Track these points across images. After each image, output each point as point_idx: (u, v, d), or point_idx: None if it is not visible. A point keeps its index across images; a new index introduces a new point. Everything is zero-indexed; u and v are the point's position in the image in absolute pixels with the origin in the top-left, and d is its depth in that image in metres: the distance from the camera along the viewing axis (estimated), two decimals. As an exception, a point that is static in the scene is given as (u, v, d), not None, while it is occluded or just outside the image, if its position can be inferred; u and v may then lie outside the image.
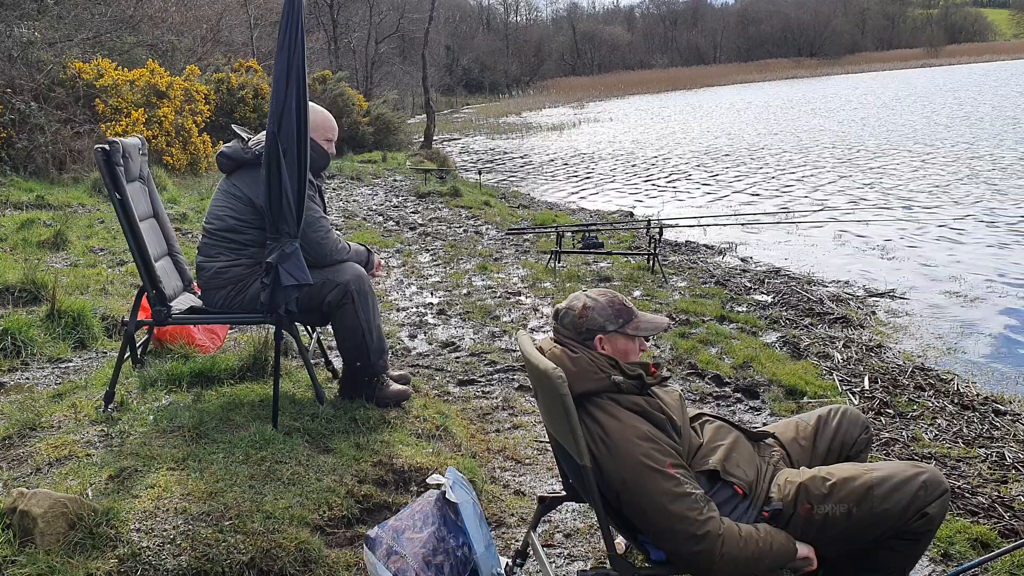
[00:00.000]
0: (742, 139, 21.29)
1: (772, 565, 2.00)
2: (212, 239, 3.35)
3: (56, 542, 2.27)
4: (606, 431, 2.03)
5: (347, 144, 19.43)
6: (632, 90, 57.54)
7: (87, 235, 7.28)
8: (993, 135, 18.06)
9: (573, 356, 2.11)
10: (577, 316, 2.18)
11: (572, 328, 2.18)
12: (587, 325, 2.17)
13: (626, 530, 2.19)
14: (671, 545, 1.96)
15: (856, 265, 7.72)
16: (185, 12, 18.05)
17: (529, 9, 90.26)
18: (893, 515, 2.07)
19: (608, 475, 2.01)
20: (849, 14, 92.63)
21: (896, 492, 2.08)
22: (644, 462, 1.97)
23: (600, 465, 2.01)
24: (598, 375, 2.08)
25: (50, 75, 11.44)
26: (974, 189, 11.58)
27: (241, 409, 3.31)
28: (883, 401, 4.21)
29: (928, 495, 2.09)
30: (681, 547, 1.94)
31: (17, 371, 3.95)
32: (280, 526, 2.52)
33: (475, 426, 3.82)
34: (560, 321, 2.21)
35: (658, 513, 1.95)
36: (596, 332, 2.18)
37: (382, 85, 33.64)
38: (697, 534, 1.93)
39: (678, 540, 1.94)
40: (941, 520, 2.16)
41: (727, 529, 1.97)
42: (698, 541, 1.93)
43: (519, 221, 10.29)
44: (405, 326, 5.49)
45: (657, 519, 1.95)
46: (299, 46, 3.00)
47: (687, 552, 1.94)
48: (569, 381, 2.01)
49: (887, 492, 2.07)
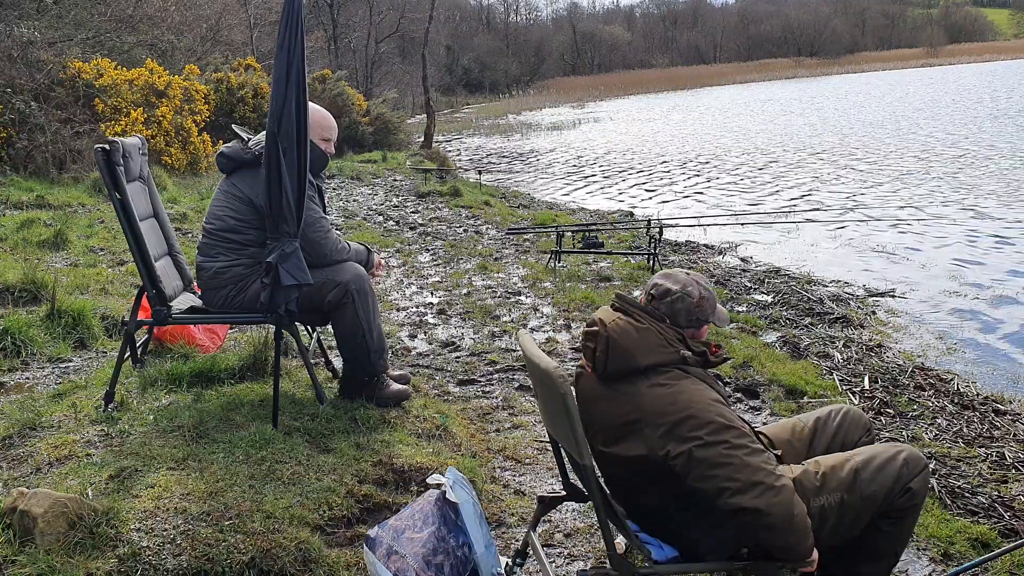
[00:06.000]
0: (742, 139, 21.29)
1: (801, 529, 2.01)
2: (212, 239, 3.35)
3: (56, 542, 2.27)
4: (680, 391, 2.04)
5: (347, 144, 19.44)
6: (632, 90, 57.53)
7: (87, 235, 7.28)
8: (998, 134, 18.06)
9: (640, 327, 2.11)
10: (694, 305, 2.17)
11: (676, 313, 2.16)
12: (698, 315, 2.19)
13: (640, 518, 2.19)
14: (749, 497, 1.93)
15: (856, 265, 7.72)
16: (184, 12, 18.04)
17: (529, 9, 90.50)
18: (881, 495, 2.14)
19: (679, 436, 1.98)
20: (849, 14, 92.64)
21: (880, 472, 2.15)
22: (720, 420, 2.00)
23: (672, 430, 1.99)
24: (667, 349, 2.10)
25: (50, 75, 11.44)
26: (976, 188, 11.58)
27: (241, 409, 3.31)
28: (883, 401, 4.21)
29: (910, 471, 2.18)
30: (760, 499, 1.92)
31: (17, 371, 3.95)
32: (280, 526, 2.52)
33: (475, 426, 3.82)
34: (657, 298, 2.18)
35: (738, 467, 1.95)
36: (703, 322, 2.20)
37: (382, 85, 33.66)
38: (775, 486, 1.95)
39: (759, 491, 1.93)
40: (924, 495, 2.24)
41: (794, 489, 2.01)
42: (777, 492, 1.94)
43: (519, 221, 10.29)
44: (405, 326, 5.49)
45: (737, 472, 1.94)
46: (299, 45, 2.99)
47: (766, 504, 1.93)
48: (633, 353, 2.05)
49: (872, 474, 2.15)
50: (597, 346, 2.11)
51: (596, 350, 2.11)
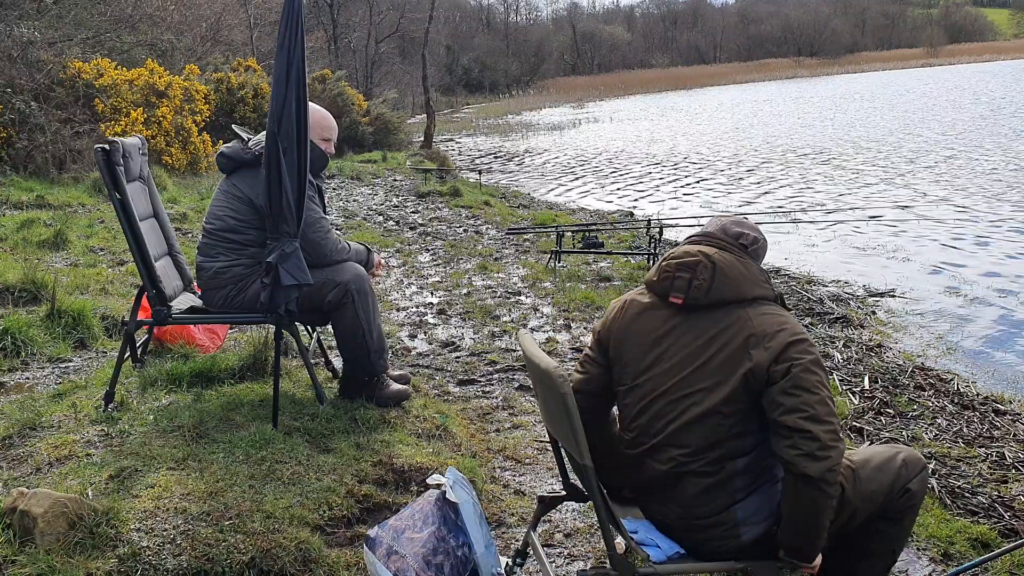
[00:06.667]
0: (743, 138, 21.30)
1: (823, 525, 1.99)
2: (212, 239, 3.35)
3: (56, 542, 2.27)
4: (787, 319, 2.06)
5: (347, 144, 19.43)
6: (632, 90, 57.53)
7: (87, 235, 7.28)
8: (1000, 133, 18.06)
9: (744, 261, 2.13)
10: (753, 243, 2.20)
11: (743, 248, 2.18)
12: (760, 254, 2.22)
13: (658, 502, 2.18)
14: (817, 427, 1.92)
15: (856, 265, 7.72)
16: (184, 11, 18.03)
17: (529, 9, 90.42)
18: (880, 495, 2.14)
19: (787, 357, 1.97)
20: (849, 14, 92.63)
21: (879, 472, 2.16)
22: (820, 357, 2.02)
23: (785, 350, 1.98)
24: (766, 285, 2.13)
25: (50, 75, 11.44)
26: (978, 188, 11.58)
27: (241, 409, 3.31)
28: (883, 401, 4.21)
29: (909, 471, 2.18)
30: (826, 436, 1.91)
31: (17, 371, 3.95)
32: (280, 526, 2.52)
33: (475, 426, 3.82)
34: (726, 233, 2.19)
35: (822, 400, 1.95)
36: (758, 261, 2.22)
37: (382, 85, 33.66)
38: (839, 435, 1.95)
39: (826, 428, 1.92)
40: (922, 496, 2.24)
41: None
42: (837, 441, 1.94)
43: (519, 221, 10.29)
44: (405, 326, 5.49)
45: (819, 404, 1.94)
46: (299, 45, 2.99)
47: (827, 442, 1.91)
48: (740, 283, 2.07)
49: (871, 473, 2.15)
50: (697, 275, 2.08)
51: (695, 279, 2.08)
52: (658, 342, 2.13)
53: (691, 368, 2.07)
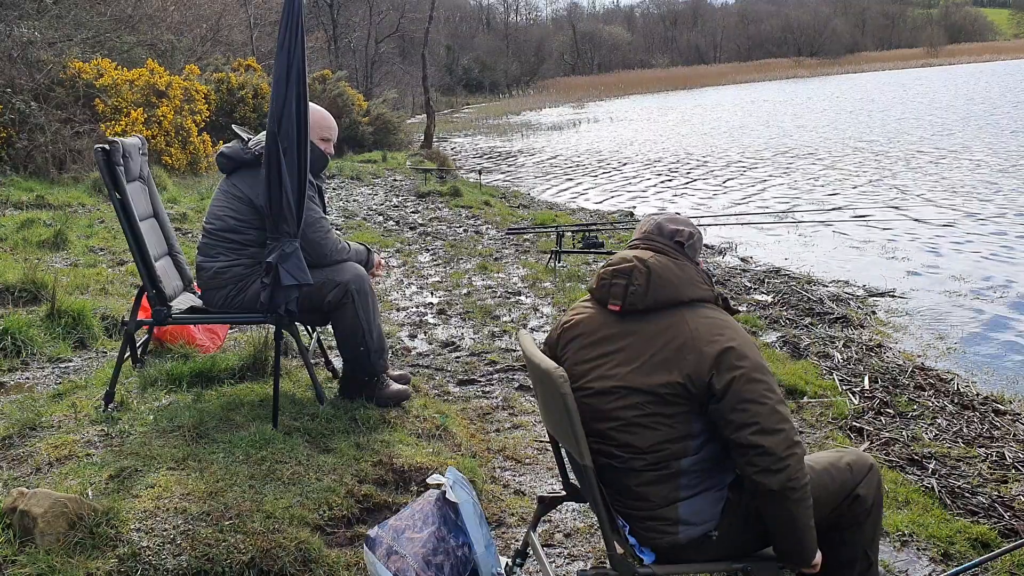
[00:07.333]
0: (744, 137, 21.30)
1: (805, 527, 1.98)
2: (212, 239, 3.35)
3: (56, 542, 2.27)
4: (726, 323, 2.04)
5: (347, 144, 19.44)
6: (632, 90, 57.53)
7: (87, 235, 7.28)
8: (1000, 133, 18.07)
9: (679, 263, 2.12)
10: (688, 238, 2.18)
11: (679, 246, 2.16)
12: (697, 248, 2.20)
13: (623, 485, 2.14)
14: (771, 439, 1.92)
15: (856, 265, 7.72)
16: (184, 11, 18.05)
17: (529, 9, 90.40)
18: (824, 505, 2.07)
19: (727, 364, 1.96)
20: (849, 14, 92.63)
21: (823, 476, 2.10)
22: (764, 362, 2.00)
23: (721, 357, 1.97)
24: (704, 286, 2.11)
25: (50, 75, 11.44)
26: (978, 188, 11.58)
27: (241, 409, 3.31)
28: (883, 401, 4.21)
29: (855, 476, 2.13)
30: (779, 445, 1.91)
31: (17, 371, 3.95)
32: (280, 526, 2.52)
33: (475, 426, 3.82)
34: (661, 233, 2.18)
35: (772, 409, 1.95)
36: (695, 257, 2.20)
37: (382, 85, 33.66)
38: (794, 440, 1.94)
39: (781, 436, 1.92)
40: (877, 500, 2.17)
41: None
42: (792, 448, 1.92)
43: (519, 221, 10.29)
44: (405, 326, 5.49)
45: (769, 414, 1.94)
46: (299, 46, 3.00)
47: (781, 454, 1.91)
48: (677, 285, 2.05)
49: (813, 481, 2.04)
50: (632, 280, 2.07)
51: (631, 284, 2.07)
52: (599, 346, 2.13)
53: (630, 370, 2.06)
